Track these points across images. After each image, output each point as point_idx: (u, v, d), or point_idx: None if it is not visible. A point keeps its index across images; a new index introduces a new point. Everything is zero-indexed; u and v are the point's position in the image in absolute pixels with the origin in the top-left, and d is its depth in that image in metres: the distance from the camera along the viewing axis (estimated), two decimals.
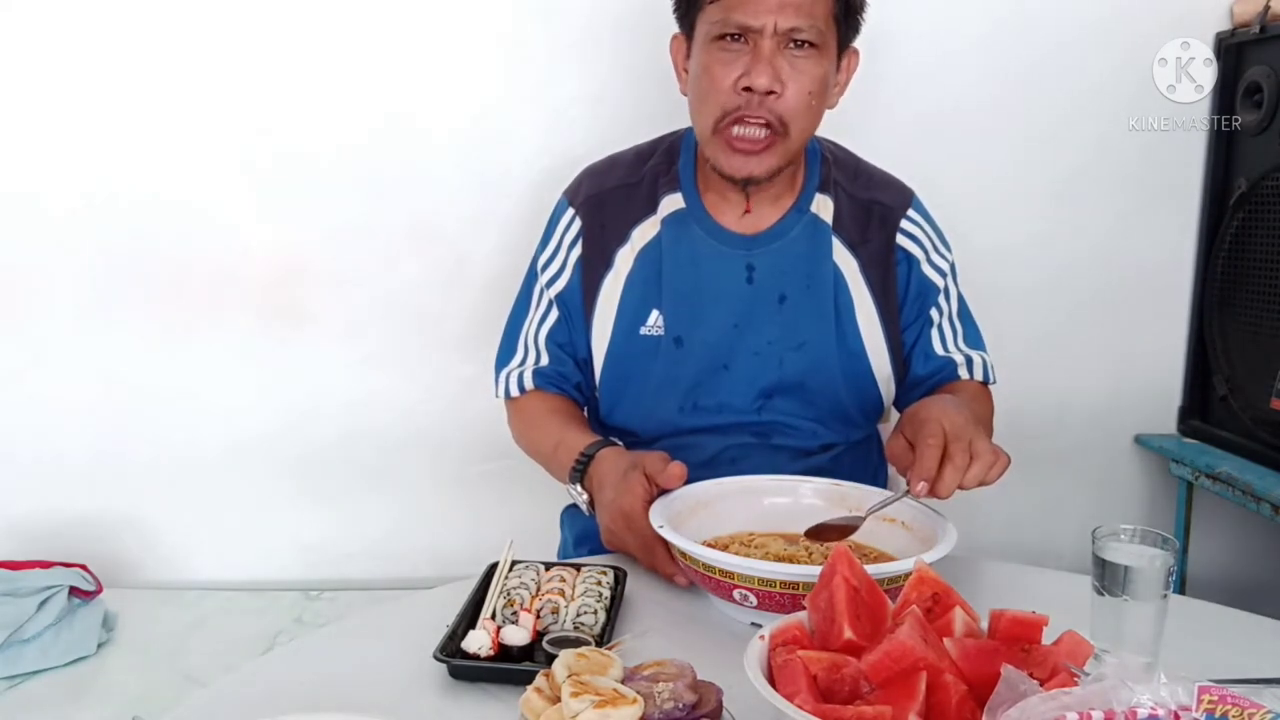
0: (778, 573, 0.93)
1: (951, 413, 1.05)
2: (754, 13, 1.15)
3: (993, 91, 1.89)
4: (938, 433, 1.03)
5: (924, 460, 1.02)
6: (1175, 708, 0.59)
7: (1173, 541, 0.85)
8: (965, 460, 1.01)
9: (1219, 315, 1.90)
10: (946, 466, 1.01)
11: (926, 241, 1.33)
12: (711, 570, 0.97)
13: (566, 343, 1.35)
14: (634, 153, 1.38)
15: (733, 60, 1.18)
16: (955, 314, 1.37)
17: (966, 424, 1.04)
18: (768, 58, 1.16)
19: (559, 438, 1.27)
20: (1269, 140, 1.77)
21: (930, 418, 1.05)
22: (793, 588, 0.92)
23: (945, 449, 1.02)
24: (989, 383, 1.36)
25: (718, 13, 1.18)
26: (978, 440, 1.03)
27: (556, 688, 0.75)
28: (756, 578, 0.94)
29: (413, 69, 1.81)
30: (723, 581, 0.96)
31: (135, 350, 1.85)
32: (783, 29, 1.16)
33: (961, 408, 1.09)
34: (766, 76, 1.16)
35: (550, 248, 1.36)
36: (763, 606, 0.95)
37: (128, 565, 1.90)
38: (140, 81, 1.78)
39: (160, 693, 1.47)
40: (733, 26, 1.16)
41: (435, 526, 1.96)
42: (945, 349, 1.35)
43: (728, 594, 0.97)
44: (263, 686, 0.90)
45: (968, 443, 1.02)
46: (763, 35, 1.16)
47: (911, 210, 1.34)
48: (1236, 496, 1.76)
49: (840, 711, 0.69)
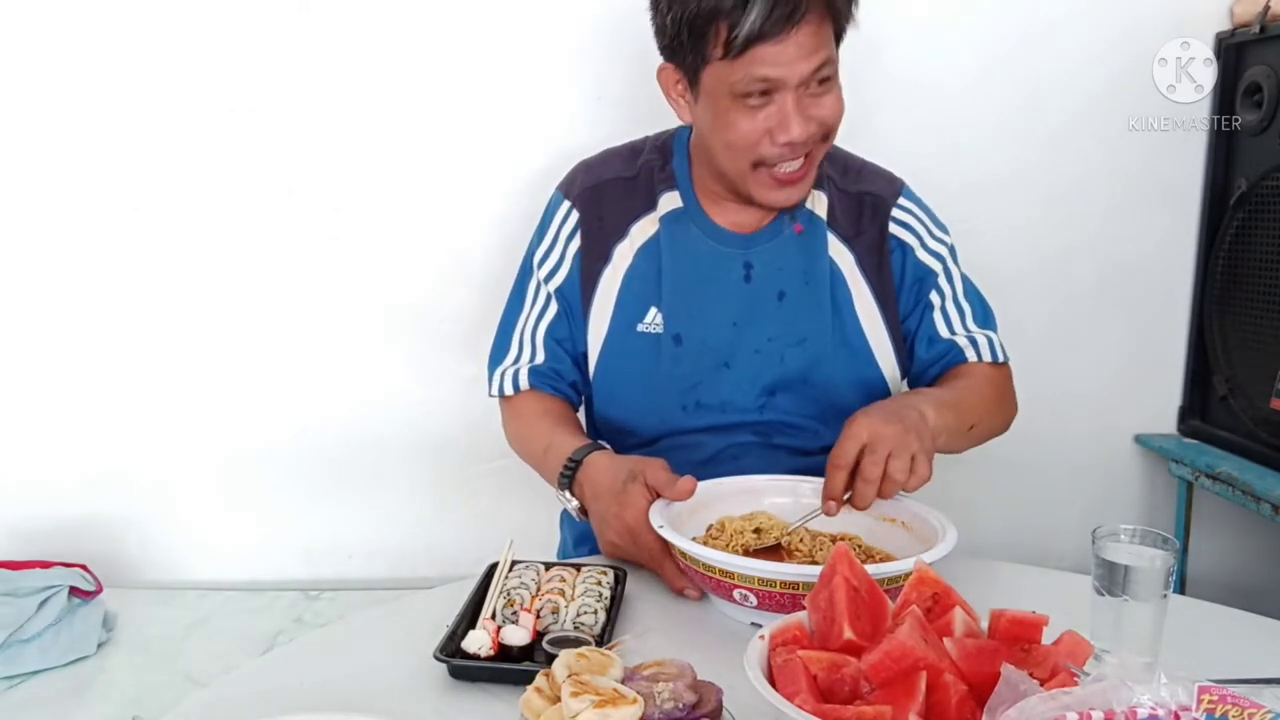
0: (778, 573, 0.93)
1: (879, 424, 1.06)
2: (777, 70, 1.12)
3: (992, 92, 1.88)
4: (848, 451, 1.05)
5: (830, 481, 1.07)
6: (1175, 708, 0.59)
7: (1173, 541, 0.85)
8: (877, 473, 1.04)
9: (1219, 315, 1.90)
10: (857, 481, 1.05)
11: (919, 227, 1.33)
12: (711, 570, 0.97)
13: (565, 338, 1.34)
14: (628, 148, 1.38)
15: (758, 114, 1.16)
16: (960, 295, 1.34)
17: (893, 435, 1.05)
18: (795, 109, 1.14)
19: (549, 441, 1.25)
20: (1269, 140, 1.77)
21: (849, 434, 1.07)
22: (793, 588, 0.92)
23: (858, 463, 1.05)
24: (999, 362, 1.33)
25: (733, 71, 1.13)
26: (898, 454, 1.04)
27: (556, 688, 0.75)
28: (757, 578, 0.94)
29: (412, 69, 1.81)
30: (723, 581, 0.96)
31: (135, 350, 1.85)
32: (806, 76, 1.14)
33: (898, 413, 1.09)
34: (800, 128, 1.15)
35: (547, 241, 1.35)
36: (763, 606, 0.95)
37: (128, 565, 1.90)
38: (139, 81, 1.77)
39: (160, 693, 1.47)
40: (755, 84, 1.13)
41: (435, 526, 1.96)
42: (951, 331, 1.33)
43: (728, 594, 0.97)
44: (263, 686, 0.90)
45: (884, 455, 1.04)
46: (788, 89, 1.14)
47: (902, 199, 1.33)
48: (1236, 496, 1.76)
49: (840, 711, 0.69)
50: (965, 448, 1.28)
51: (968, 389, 1.27)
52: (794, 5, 1.09)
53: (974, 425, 1.25)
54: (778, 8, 1.08)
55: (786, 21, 1.09)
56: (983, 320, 1.35)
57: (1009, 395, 1.35)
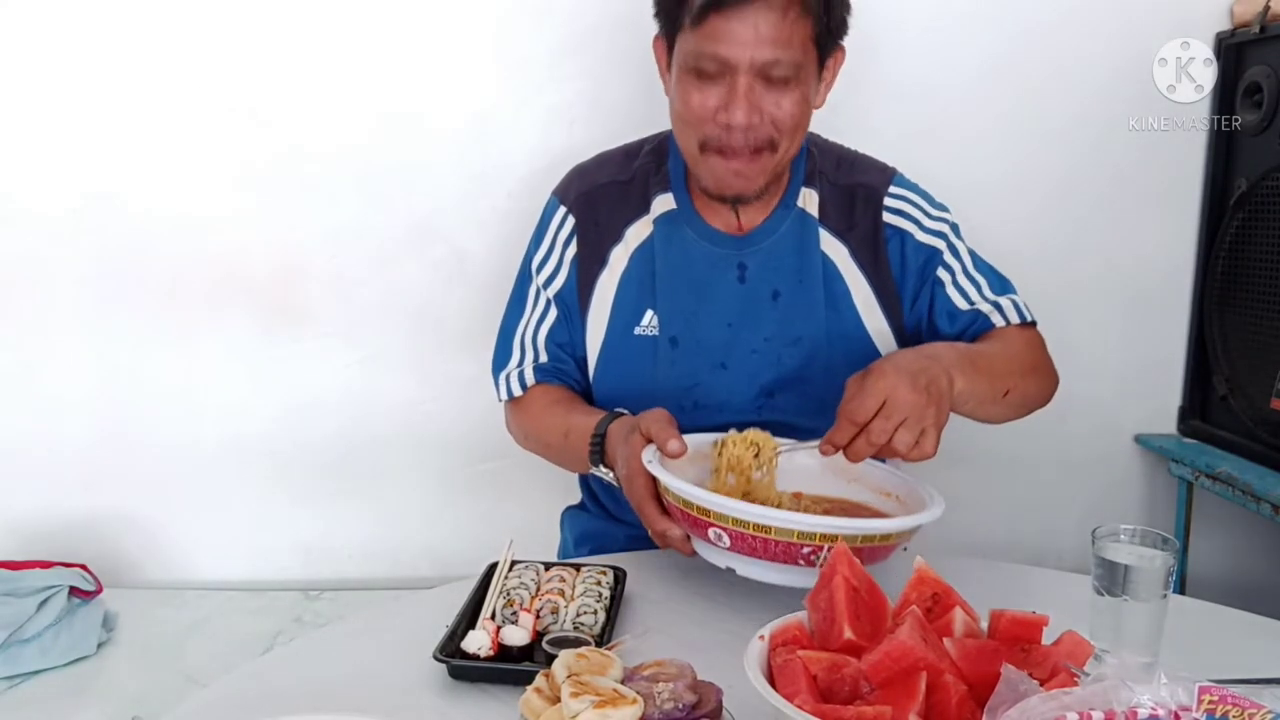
0: (750, 514, 0.94)
1: (904, 389, 1.01)
2: (729, 47, 1.12)
3: (992, 91, 1.88)
4: (866, 409, 1.01)
5: (837, 429, 1.03)
6: (1175, 708, 0.59)
7: (1173, 541, 0.86)
8: (882, 439, 1.00)
9: (1219, 315, 1.90)
10: (860, 438, 1.02)
11: (914, 211, 1.31)
12: (690, 507, 0.98)
13: (566, 342, 1.34)
14: (621, 151, 1.38)
15: (708, 90, 1.15)
16: (971, 269, 1.32)
17: (912, 404, 1.01)
18: (744, 92, 1.13)
19: (567, 425, 1.25)
20: (1269, 140, 1.77)
21: (871, 389, 1.01)
22: (765, 531, 0.93)
23: (868, 421, 1.01)
24: (1027, 322, 1.31)
25: (693, 42, 1.13)
26: (910, 425, 1.00)
27: (556, 688, 0.75)
28: (731, 517, 0.95)
29: (412, 69, 1.81)
30: (699, 519, 0.98)
31: (135, 350, 1.85)
32: (759, 63, 1.12)
33: (926, 379, 1.03)
34: (743, 112, 1.14)
35: (544, 247, 1.35)
36: (735, 548, 0.96)
37: (128, 565, 1.90)
38: (139, 80, 1.77)
39: (160, 693, 1.47)
40: (707, 60, 1.13)
41: (435, 526, 1.96)
42: (970, 303, 1.30)
43: (704, 532, 0.98)
44: (263, 686, 0.90)
45: (896, 423, 1.00)
46: (738, 70, 1.13)
47: (894, 187, 1.32)
48: (1236, 496, 1.76)
49: (840, 711, 0.69)
50: (1002, 417, 1.24)
51: (1000, 354, 1.23)
52: None
53: (1008, 391, 1.20)
54: None
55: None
56: (1000, 288, 1.33)
57: (1044, 360, 1.30)
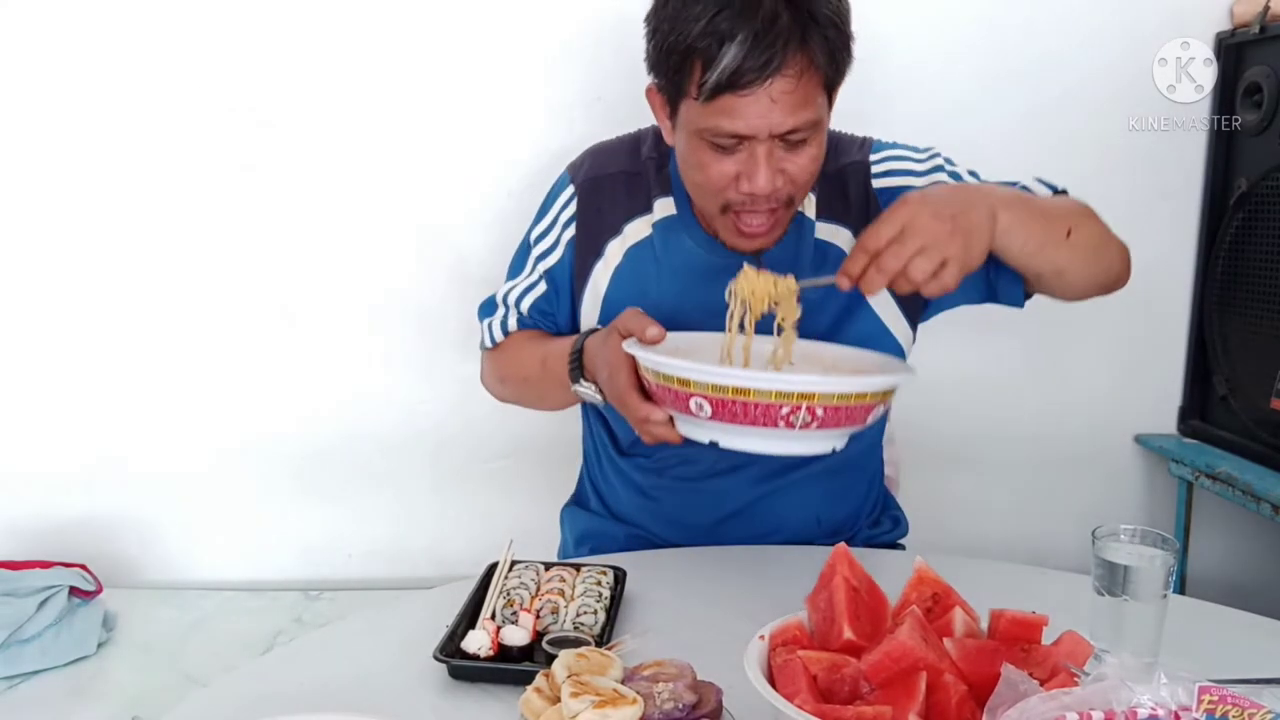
0: (727, 377, 0.93)
1: (926, 216, 0.97)
2: (746, 122, 1.06)
3: (992, 92, 1.88)
4: (880, 235, 0.97)
5: (851, 259, 1.00)
6: (1175, 708, 0.59)
7: (1173, 541, 0.86)
8: (894, 266, 0.97)
9: (1219, 315, 1.90)
10: (871, 268, 0.99)
11: (905, 164, 1.28)
12: (670, 380, 0.96)
13: (550, 313, 1.33)
14: (633, 138, 1.35)
15: (725, 159, 1.11)
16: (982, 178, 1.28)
17: (933, 231, 0.96)
18: (764, 159, 1.09)
19: (543, 352, 1.24)
20: (1269, 140, 1.77)
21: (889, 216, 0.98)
22: (744, 394, 0.92)
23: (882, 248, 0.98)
24: (1059, 191, 1.24)
25: (705, 117, 1.07)
26: (929, 252, 0.97)
27: (556, 688, 0.75)
28: (710, 384, 0.93)
29: (412, 68, 1.81)
30: (680, 391, 0.96)
31: (135, 350, 1.85)
32: (778, 133, 1.08)
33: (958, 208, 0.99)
34: (765, 179, 1.09)
35: (545, 222, 1.34)
36: (717, 416, 0.95)
37: (128, 565, 1.90)
38: (139, 79, 1.78)
39: (160, 693, 1.47)
40: (724, 137, 1.08)
41: (435, 526, 1.96)
42: None
43: (685, 406, 0.96)
44: (263, 686, 0.90)
45: (912, 250, 0.97)
46: (757, 139, 1.08)
47: (874, 154, 1.29)
48: (1236, 496, 1.76)
49: (840, 711, 0.69)
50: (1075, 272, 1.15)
51: (1055, 200, 1.15)
52: (769, 56, 1.02)
53: (1070, 231, 1.11)
54: (751, 57, 1.02)
55: (760, 73, 1.03)
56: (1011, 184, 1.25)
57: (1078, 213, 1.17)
